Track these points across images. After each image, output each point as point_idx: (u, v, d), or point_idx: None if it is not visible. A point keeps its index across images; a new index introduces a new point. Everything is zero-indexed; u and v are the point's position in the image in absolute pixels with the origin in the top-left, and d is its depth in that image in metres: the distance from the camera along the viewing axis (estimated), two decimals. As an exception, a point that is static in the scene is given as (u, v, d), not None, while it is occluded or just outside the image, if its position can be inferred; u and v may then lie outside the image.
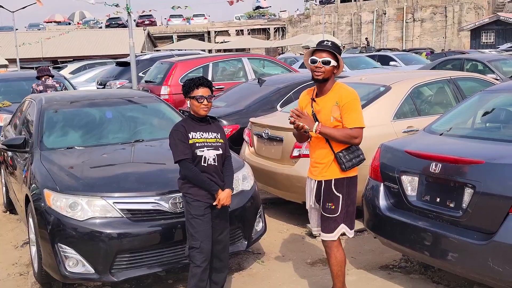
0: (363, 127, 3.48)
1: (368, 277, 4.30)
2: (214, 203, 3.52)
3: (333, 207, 3.50)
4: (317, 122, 3.40)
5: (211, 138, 3.58)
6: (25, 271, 4.76)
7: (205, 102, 3.54)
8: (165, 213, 3.99)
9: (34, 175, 4.39)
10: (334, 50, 3.44)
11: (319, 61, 3.42)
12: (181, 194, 3.79)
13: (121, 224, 3.88)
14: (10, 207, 6.45)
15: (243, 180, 4.49)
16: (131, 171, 4.46)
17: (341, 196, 3.49)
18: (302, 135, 3.63)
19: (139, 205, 3.97)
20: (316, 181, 3.58)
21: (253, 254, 4.91)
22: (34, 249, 4.36)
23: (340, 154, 3.46)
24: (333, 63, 3.44)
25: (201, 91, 3.53)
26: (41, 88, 8.53)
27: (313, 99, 3.56)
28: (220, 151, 3.60)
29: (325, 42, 3.51)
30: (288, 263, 4.71)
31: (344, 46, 36.79)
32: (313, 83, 3.60)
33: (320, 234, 3.64)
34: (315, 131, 3.39)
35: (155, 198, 3.99)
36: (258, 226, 4.58)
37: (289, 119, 3.45)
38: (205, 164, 3.52)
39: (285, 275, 4.44)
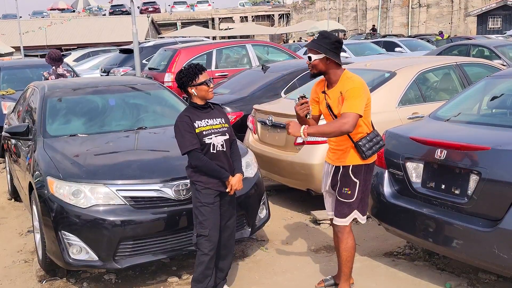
0: (358, 114, 3.28)
1: (372, 264, 4.29)
2: (226, 190, 3.51)
3: (349, 192, 3.50)
4: (303, 126, 3.31)
5: (216, 124, 3.56)
6: (29, 258, 4.78)
7: (211, 85, 3.55)
8: (169, 200, 3.98)
9: (37, 162, 4.38)
10: (314, 46, 3.41)
11: (306, 59, 3.53)
12: (184, 181, 3.78)
13: (124, 211, 3.87)
14: (15, 195, 6.48)
15: (247, 167, 4.47)
16: (134, 158, 4.44)
17: (358, 182, 3.50)
18: (304, 121, 3.57)
19: (142, 193, 3.96)
20: (334, 166, 3.58)
21: (257, 241, 4.91)
22: (38, 236, 4.37)
23: (360, 143, 3.43)
24: (316, 57, 3.41)
25: (205, 76, 3.52)
26: (53, 77, 8.50)
27: (324, 92, 3.55)
28: (227, 136, 3.58)
29: (314, 37, 3.52)
30: (292, 250, 4.71)
31: (344, 34, 36.40)
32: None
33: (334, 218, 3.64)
34: (303, 135, 3.29)
35: (158, 185, 3.98)
36: (262, 213, 4.57)
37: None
38: (214, 151, 3.50)
39: (289, 262, 4.44)
